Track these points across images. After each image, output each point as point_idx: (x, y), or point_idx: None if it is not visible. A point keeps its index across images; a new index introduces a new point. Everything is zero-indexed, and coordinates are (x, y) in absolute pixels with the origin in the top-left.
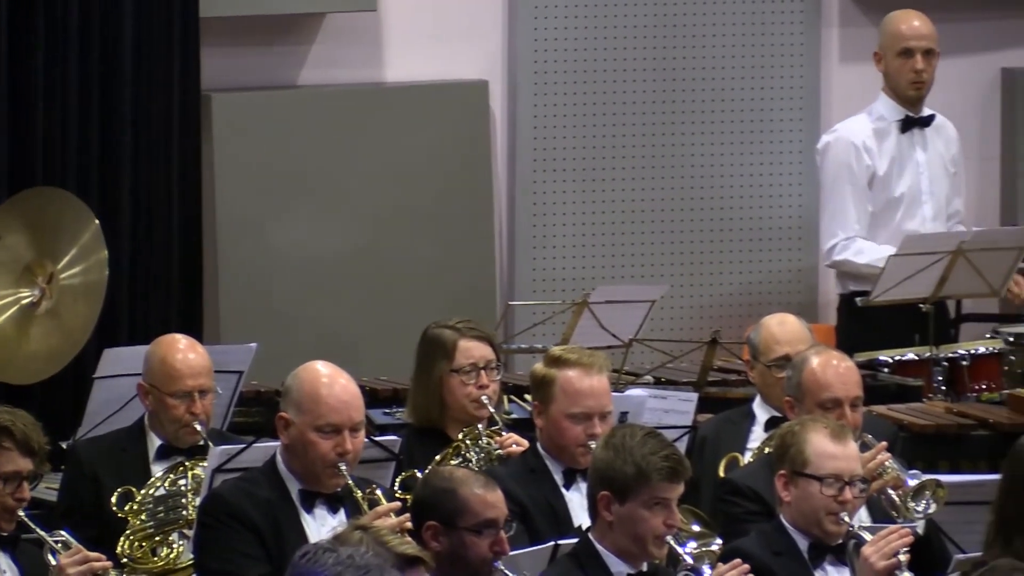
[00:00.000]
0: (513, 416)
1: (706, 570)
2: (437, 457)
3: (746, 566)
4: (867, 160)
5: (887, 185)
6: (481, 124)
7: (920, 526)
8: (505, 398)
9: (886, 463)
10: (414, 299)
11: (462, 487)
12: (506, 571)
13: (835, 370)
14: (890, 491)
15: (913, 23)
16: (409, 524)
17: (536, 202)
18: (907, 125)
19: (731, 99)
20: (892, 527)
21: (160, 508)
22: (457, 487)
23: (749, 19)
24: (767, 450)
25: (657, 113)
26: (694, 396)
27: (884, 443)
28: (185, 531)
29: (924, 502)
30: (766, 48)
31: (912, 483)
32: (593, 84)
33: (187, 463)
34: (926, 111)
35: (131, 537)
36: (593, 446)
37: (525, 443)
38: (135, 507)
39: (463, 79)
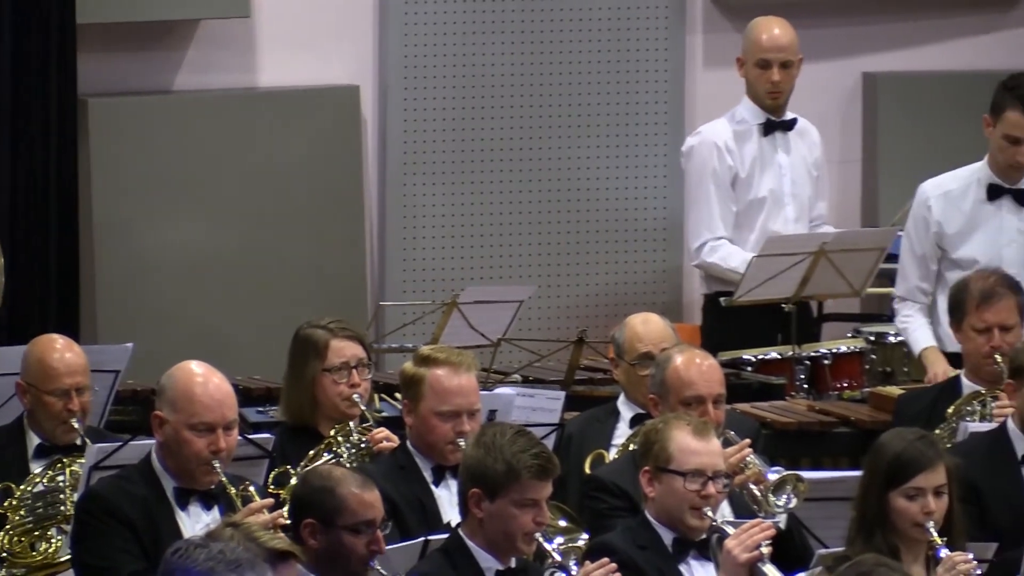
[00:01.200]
0: (384, 414)
1: (573, 566)
2: (310, 453)
3: (613, 564)
4: (729, 161)
5: (749, 186)
6: (352, 128)
7: (782, 520)
8: (376, 396)
9: (748, 458)
10: (287, 299)
11: (340, 486)
12: (380, 570)
13: (698, 368)
14: (751, 486)
15: (774, 32)
16: (283, 519)
17: (406, 204)
18: (769, 128)
19: (598, 103)
20: (754, 520)
21: (39, 504)
22: (335, 486)
23: (615, 24)
24: (632, 447)
25: (525, 117)
26: (561, 394)
27: (747, 440)
28: (63, 526)
29: (785, 496)
30: (632, 53)
31: (773, 477)
32: (462, 89)
33: (65, 460)
34: (789, 115)
35: (10, 532)
36: (462, 443)
37: (396, 439)
38: (14, 503)
39: (334, 84)
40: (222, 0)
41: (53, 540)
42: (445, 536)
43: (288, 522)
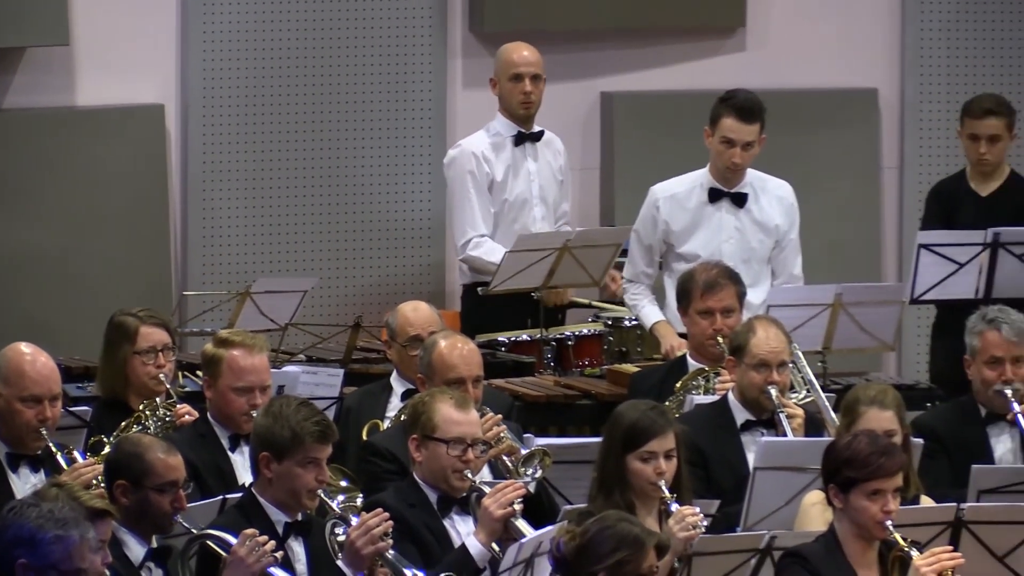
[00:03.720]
0: (187, 389)
1: (352, 519)
2: (122, 424)
3: (387, 514)
4: (486, 168)
5: (503, 190)
6: (158, 141)
7: (532, 486)
8: (180, 374)
9: (502, 434)
10: (102, 290)
11: (148, 452)
12: (184, 523)
13: (459, 352)
14: (505, 458)
15: (523, 53)
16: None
17: (205, 207)
18: (520, 140)
19: (372, 119)
20: (508, 481)
21: None
22: (143, 452)
23: (388, 50)
24: (402, 417)
25: (309, 131)
26: (340, 372)
27: (499, 416)
28: None
29: (533, 468)
30: (401, 76)
31: (524, 452)
32: (254, 107)
33: None
34: (536, 128)
35: None
36: (254, 414)
37: (196, 414)
38: None
39: (143, 103)
40: (44, 29)
41: None
42: (240, 495)
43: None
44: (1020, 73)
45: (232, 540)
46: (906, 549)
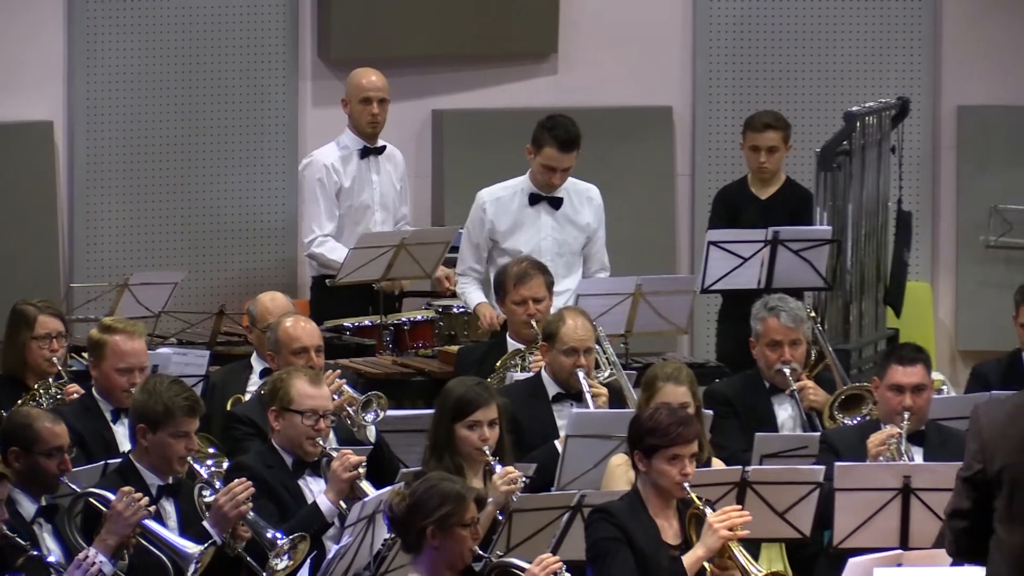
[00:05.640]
0: (74, 369)
1: (218, 483)
2: (19, 401)
3: (249, 482)
4: (335, 177)
5: (350, 196)
6: (48, 154)
7: (372, 432)
8: (69, 356)
9: (343, 388)
10: (1, 283)
11: (35, 422)
12: (70, 484)
13: (302, 326)
14: (347, 408)
15: (372, 79)
16: None
17: (88, 210)
18: (365, 153)
19: (235, 133)
20: (351, 449)
21: None
22: (32, 422)
23: (246, 75)
24: (262, 392)
25: (180, 143)
26: (207, 353)
27: (338, 371)
28: None
29: (373, 412)
30: (260, 96)
31: (361, 398)
32: (131, 123)
33: None
34: (380, 143)
35: None
36: (134, 391)
37: (83, 391)
38: None
39: (34, 120)
40: None
41: None
42: (120, 461)
43: None
44: (794, 92)
45: (111, 497)
46: (701, 508)
